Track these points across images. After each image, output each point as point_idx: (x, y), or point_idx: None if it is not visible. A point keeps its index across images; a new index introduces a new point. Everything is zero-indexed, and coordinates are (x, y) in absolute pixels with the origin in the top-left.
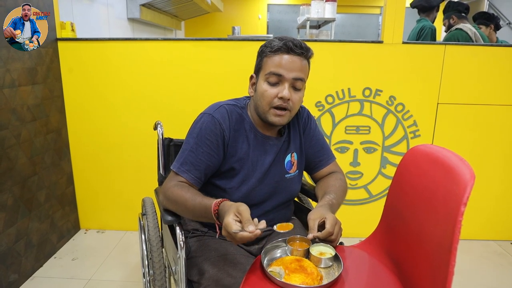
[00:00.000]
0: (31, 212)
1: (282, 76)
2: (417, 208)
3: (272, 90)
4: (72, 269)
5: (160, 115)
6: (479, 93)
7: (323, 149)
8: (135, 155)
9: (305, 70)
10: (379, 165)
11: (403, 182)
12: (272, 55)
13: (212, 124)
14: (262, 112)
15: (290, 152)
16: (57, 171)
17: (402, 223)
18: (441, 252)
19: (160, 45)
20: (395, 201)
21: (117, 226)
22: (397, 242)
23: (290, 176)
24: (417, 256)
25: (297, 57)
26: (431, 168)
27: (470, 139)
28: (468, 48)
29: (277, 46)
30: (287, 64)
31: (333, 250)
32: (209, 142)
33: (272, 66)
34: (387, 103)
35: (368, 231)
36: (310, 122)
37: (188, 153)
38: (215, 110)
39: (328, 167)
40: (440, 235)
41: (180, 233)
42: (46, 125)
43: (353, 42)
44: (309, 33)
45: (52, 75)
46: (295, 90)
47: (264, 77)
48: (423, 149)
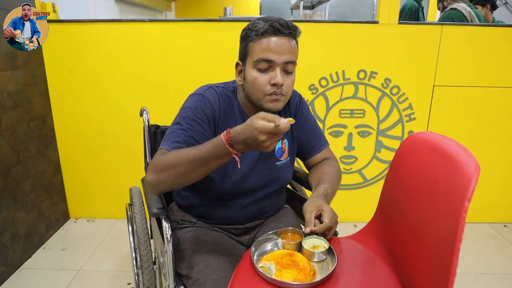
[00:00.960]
0: (17, 202)
1: (273, 61)
2: (415, 200)
3: (263, 77)
4: (62, 259)
5: (149, 99)
6: (476, 75)
7: (316, 135)
8: (125, 140)
9: (295, 51)
10: (373, 149)
11: (400, 171)
12: (259, 39)
13: (203, 103)
14: (256, 100)
15: (281, 138)
16: (43, 159)
17: (399, 214)
18: (442, 248)
19: (147, 26)
20: (391, 191)
21: (107, 215)
22: (394, 233)
23: (281, 163)
24: (415, 250)
25: (286, 38)
26: (431, 157)
27: (467, 122)
28: (465, 29)
29: (263, 28)
30: (276, 47)
31: (327, 243)
32: (200, 121)
33: (260, 52)
34: (382, 86)
35: (363, 216)
36: (302, 107)
37: (179, 131)
38: (205, 91)
39: (321, 153)
40: (441, 230)
41: (166, 225)
42: (29, 112)
43: (347, 23)
44: (303, 14)
45: (34, 59)
46: (287, 74)
47: (252, 64)
48: (422, 136)
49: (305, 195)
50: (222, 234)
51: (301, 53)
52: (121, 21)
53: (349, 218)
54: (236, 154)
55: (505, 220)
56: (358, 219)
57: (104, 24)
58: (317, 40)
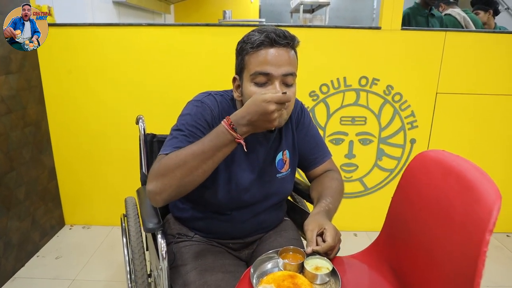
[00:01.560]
0: (10, 210)
1: (270, 74)
2: (427, 223)
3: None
4: (56, 268)
5: (147, 105)
6: (480, 82)
7: (318, 146)
8: (122, 146)
9: (294, 62)
10: (375, 157)
11: (409, 190)
12: (254, 51)
13: (203, 109)
14: None
15: (282, 150)
16: (37, 165)
17: (408, 236)
18: (459, 280)
19: (145, 30)
20: (399, 210)
21: (103, 221)
22: (402, 255)
23: (282, 175)
24: (426, 275)
25: (283, 49)
26: (445, 180)
27: (470, 131)
28: (469, 35)
29: (258, 40)
30: (274, 59)
31: (330, 264)
32: (201, 127)
33: (257, 65)
34: (384, 93)
35: (363, 225)
36: (304, 117)
37: (180, 137)
38: (204, 97)
39: (323, 165)
40: (457, 259)
41: (162, 242)
42: (23, 118)
43: (349, 28)
44: (303, 18)
45: (29, 63)
46: (287, 87)
47: (249, 78)
48: (434, 155)
49: (305, 207)
50: (220, 249)
51: (302, 59)
52: (118, 25)
53: (350, 227)
54: (240, 139)
55: (508, 230)
56: (358, 228)
57: (101, 28)
58: (318, 46)
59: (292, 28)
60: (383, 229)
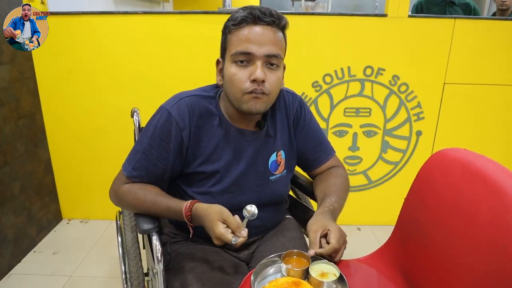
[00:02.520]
0: (4, 205)
1: (252, 54)
2: (445, 229)
3: (242, 73)
4: (53, 264)
5: (145, 95)
6: (490, 72)
7: (321, 144)
8: (119, 137)
9: (280, 43)
10: (379, 150)
11: (425, 192)
12: (236, 29)
13: (168, 123)
14: (234, 100)
15: (276, 150)
16: (32, 159)
17: (423, 242)
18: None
19: (141, 19)
20: (413, 213)
21: (101, 215)
22: (415, 262)
23: (276, 177)
24: (444, 284)
25: (268, 27)
26: (466, 181)
27: (479, 123)
28: (479, 23)
29: (241, 16)
30: (256, 37)
31: (337, 270)
32: (164, 143)
33: (238, 43)
34: (389, 83)
35: (367, 218)
36: (304, 113)
37: (141, 155)
38: (173, 105)
39: (327, 163)
40: (483, 269)
41: (157, 244)
42: (17, 110)
43: (354, 16)
44: (304, 6)
45: (21, 54)
46: (271, 69)
47: (230, 59)
48: (453, 154)
49: (308, 203)
50: (218, 249)
51: (305, 48)
52: (114, 13)
53: (353, 220)
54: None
55: None
56: (362, 221)
57: (96, 16)
58: (321, 34)
59: (294, 15)
60: (394, 232)
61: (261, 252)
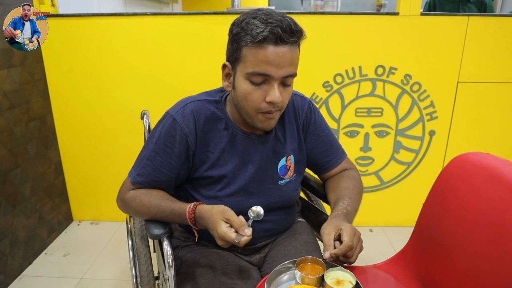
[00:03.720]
0: (15, 207)
1: (270, 76)
2: (468, 236)
3: (257, 93)
4: (64, 266)
5: (155, 96)
6: (505, 70)
7: (332, 147)
8: (129, 139)
9: (297, 61)
10: (391, 150)
11: (445, 198)
12: (255, 47)
13: (173, 129)
14: (247, 116)
15: (286, 155)
16: (43, 161)
17: (444, 249)
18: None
19: (151, 20)
20: (433, 220)
21: (112, 217)
22: (435, 270)
23: (285, 182)
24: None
25: (288, 47)
26: (491, 188)
27: (493, 122)
28: (493, 20)
29: (262, 35)
30: (276, 59)
31: (354, 278)
32: (169, 149)
33: (256, 64)
34: (402, 83)
35: (379, 220)
36: (314, 116)
37: (146, 161)
38: (178, 111)
39: (338, 167)
40: (509, 282)
41: (168, 249)
42: (28, 112)
43: (365, 14)
44: (314, 4)
45: (32, 56)
46: (284, 87)
47: (245, 75)
48: (475, 159)
49: (321, 206)
50: (230, 254)
51: (315, 48)
52: (123, 15)
53: (365, 222)
54: (194, 228)
55: None
56: (374, 223)
57: (105, 18)
58: (332, 34)
59: (304, 15)
60: (412, 238)
61: (273, 256)
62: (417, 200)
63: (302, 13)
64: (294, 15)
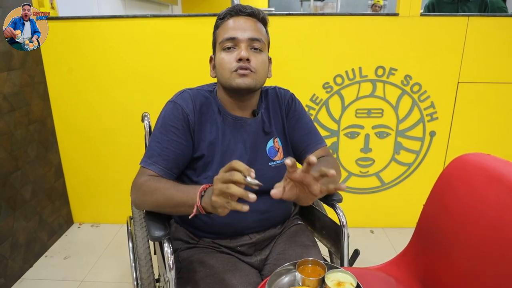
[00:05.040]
0: (16, 210)
1: (237, 39)
2: (468, 237)
3: (229, 56)
4: (64, 269)
5: (154, 100)
6: (505, 71)
7: (311, 133)
8: (129, 141)
9: (262, 31)
10: (392, 151)
11: (446, 199)
12: (222, 22)
13: (175, 110)
14: (224, 81)
15: (272, 137)
16: (43, 163)
17: (444, 250)
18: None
19: (151, 22)
20: (433, 221)
21: (112, 219)
22: (436, 271)
23: (276, 163)
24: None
25: (248, 17)
26: (491, 189)
27: (494, 123)
28: (493, 20)
29: (225, 12)
30: (239, 25)
31: (354, 279)
32: (174, 129)
33: (225, 32)
34: (402, 83)
35: (380, 221)
36: (295, 104)
37: (155, 144)
38: (177, 96)
39: (316, 152)
40: (509, 283)
41: (169, 251)
42: (28, 115)
43: (364, 15)
44: (313, 6)
45: (32, 59)
46: (255, 52)
47: (219, 48)
48: (476, 160)
49: (321, 208)
50: (230, 256)
51: (315, 49)
52: (123, 17)
53: (366, 223)
54: (198, 206)
55: None
56: (375, 224)
57: (105, 20)
58: (332, 35)
59: (304, 16)
60: (413, 239)
61: (274, 259)
62: (418, 201)
63: (302, 14)
64: (294, 17)
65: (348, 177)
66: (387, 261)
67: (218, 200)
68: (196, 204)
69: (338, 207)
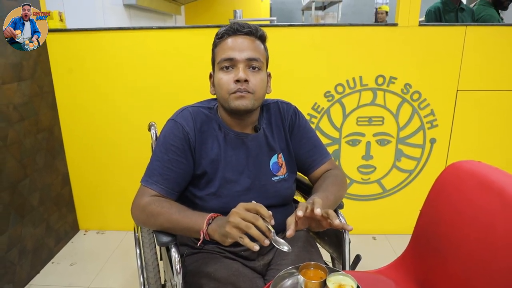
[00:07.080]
0: (24, 217)
1: (234, 59)
2: (462, 241)
3: (227, 77)
4: (70, 275)
5: (160, 110)
6: (504, 78)
7: (316, 147)
8: (135, 150)
9: (260, 50)
10: (393, 158)
11: (440, 204)
12: (220, 41)
13: (175, 129)
14: (223, 101)
15: (276, 152)
16: (51, 171)
17: (440, 253)
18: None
19: (156, 34)
20: (429, 225)
21: (117, 226)
22: (433, 274)
23: (278, 178)
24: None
25: (246, 36)
26: (482, 195)
27: (493, 130)
28: (491, 29)
29: (223, 31)
30: (237, 45)
31: (355, 282)
32: (174, 148)
33: (222, 52)
34: (402, 92)
35: (382, 228)
36: (298, 119)
37: (155, 163)
38: (178, 115)
39: (322, 166)
40: (501, 284)
41: (176, 256)
42: (37, 124)
43: (364, 26)
44: (314, 15)
45: (41, 69)
46: (253, 72)
47: (218, 67)
48: (468, 167)
49: None
50: (234, 261)
51: (316, 59)
52: (129, 29)
53: (368, 230)
54: (204, 232)
55: None
56: (377, 231)
57: (111, 32)
58: (333, 45)
59: (305, 27)
60: (411, 243)
61: (277, 265)
62: (420, 207)
63: (303, 25)
64: (295, 28)
65: (350, 184)
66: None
67: (231, 232)
68: (202, 231)
69: (340, 213)
